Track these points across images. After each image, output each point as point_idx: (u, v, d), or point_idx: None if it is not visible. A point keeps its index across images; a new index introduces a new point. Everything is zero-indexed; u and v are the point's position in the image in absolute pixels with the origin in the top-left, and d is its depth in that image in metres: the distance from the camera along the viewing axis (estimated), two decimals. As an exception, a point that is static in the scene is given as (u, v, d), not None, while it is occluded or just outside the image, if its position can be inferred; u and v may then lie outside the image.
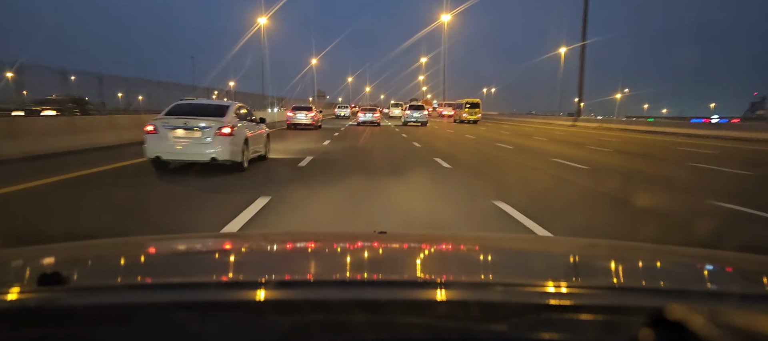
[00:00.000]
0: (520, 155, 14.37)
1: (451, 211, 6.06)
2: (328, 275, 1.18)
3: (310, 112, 25.96)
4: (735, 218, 6.01)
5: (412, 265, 1.37)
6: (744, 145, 20.56)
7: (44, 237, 3.58)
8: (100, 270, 1.27)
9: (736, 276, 1.28)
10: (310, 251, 1.51)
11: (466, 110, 44.64)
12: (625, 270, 1.35)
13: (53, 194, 6.72)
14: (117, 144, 13.03)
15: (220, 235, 3.11)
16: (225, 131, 8.22)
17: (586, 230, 5.01)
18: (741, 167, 11.78)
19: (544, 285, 0.97)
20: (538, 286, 0.97)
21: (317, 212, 5.72)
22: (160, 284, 1.02)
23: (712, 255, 1.49)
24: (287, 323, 0.80)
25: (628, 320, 0.77)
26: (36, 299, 0.84)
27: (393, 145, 17.32)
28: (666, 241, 4.24)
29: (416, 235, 2.18)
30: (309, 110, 26.41)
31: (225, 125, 8.25)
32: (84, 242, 1.64)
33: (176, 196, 6.84)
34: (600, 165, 11.74)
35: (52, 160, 9.97)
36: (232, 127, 8.33)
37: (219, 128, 8.19)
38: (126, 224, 5.04)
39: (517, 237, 3.10)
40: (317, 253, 1.48)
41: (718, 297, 1.02)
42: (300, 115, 25.63)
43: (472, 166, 11.57)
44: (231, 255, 1.45)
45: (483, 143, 19.86)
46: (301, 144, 15.54)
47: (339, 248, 1.52)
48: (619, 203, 6.88)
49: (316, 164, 10.43)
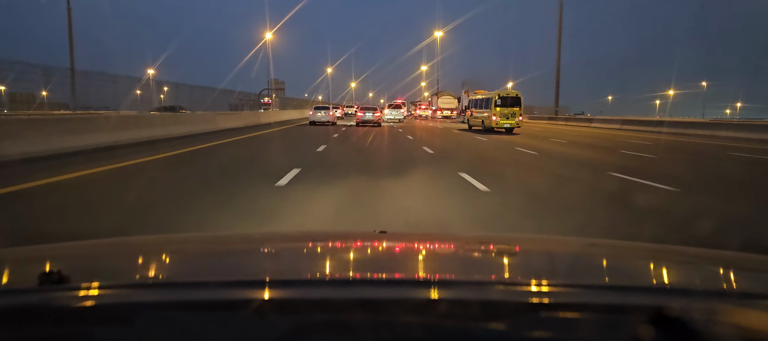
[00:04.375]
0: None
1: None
2: (328, 274, 1.20)
3: (330, 111, 33.90)
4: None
5: (413, 264, 1.38)
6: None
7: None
8: (101, 269, 1.26)
9: (735, 275, 1.24)
10: (311, 251, 1.50)
11: (495, 111, 25.48)
12: (625, 268, 1.37)
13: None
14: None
15: (221, 235, 2.90)
16: (332, 114, 32.27)
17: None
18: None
19: (544, 284, 0.98)
20: (539, 285, 0.98)
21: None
22: (161, 283, 1.03)
23: (712, 254, 1.51)
24: (288, 322, 0.80)
25: (628, 319, 0.79)
26: (36, 298, 0.84)
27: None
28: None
29: (417, 234, 2.18)
30: (327, 109, 33.66)
31: (332, 111, 32.72)
32: (85, 242, 1.67)
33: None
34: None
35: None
36: (333, 112, 33.68)
37: (330, 111, 32.28)
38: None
39: (517, 237, 2.71)
40: (317, 252, 1.48)
41: (718, 296, 0.99)
42: (319, 114, 32.47)
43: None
44: (232, 254, 1.47)
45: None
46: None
47: (339, 247, 1.54)
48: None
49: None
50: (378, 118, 32.19)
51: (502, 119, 25.23)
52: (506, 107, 25.33)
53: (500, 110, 25.30)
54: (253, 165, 10.43)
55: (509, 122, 25.30)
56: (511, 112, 25.34)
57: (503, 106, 25.39)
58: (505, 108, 25.30)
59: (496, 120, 25.28)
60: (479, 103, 28.11)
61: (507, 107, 25.36)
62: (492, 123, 25.39)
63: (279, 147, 16.07)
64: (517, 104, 25.65)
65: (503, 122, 25.25)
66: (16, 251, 1.44)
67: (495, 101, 25.52)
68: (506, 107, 25.36)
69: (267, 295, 0.85)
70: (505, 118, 25.24)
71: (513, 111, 25.38)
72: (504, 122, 25.24)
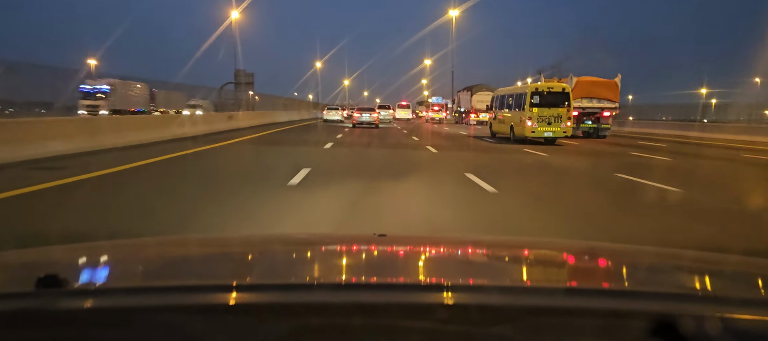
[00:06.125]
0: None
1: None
2: (327, 278, 1.19)
3: (341, 111, 41.57)
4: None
5: (412, 268, 1.36)
6: None
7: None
8: (99, 272, 1.27)
9: (738, 280, 1.24)
10: (309, 254, 1.48)
11: (530, 113, 16.93)
12: (626, 273, 1.34)
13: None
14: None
15: (220, 237, 2.89)
16: (342, 113, 42.33)
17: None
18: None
19: (544, 288, 1.01)
20: (539, 289, 0.99)
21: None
22: (159, 287, 1.02)
23: (714, 259, 1.49)
24: (286, 326, 0.80)
25: (629, 324, 0.79)
26: (34, 301, 0.83)
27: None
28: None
29: (416, 238, 2.19)
30: (338, 110, 41.27)
31: (340, 112, 41.83)
32: (82, 245, 1.65)
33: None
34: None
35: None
36: (343, 112, 42.52)
37: (342, 111, 42.62)
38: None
39: (517, 240, 2.62)
40: (316, 256, 1.46)
41: (720, 301, 0.95)
42: (332, 113, 38.80)
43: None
44: (230, 258, 1.44)
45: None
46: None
47: (338, 251, 1.53)
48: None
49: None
50: (376, 120, 30.62)
51: (540, 124, 16.56)
52: (547, 107, 16.64)
53: (537, 112, 16.64)
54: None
55: (552, 130, 16.59)
56: (555, 115, 16.62)
57: (542, 105, 16.70)
58: (545, 108, 16.63)
59: (530, 126, 16.63)
60: (504, 101, 19.43)
61: (548, 106, 16.66)
62: (525, 130, 16.76)
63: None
64: (562, 103, 16.89)
65: (542, 129, 16.57)
66: (13, 255, 1.43)
67: (529, 99, 16.85)
68: (546, 106, 16.67)
69: (265, 299, 0.86)
70: (544, 123, 16.57)
71: (557, 113, 16.65)
72: (543, 130, 16.56)
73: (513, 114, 18.07)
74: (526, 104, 16.77)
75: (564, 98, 16.89)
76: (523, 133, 16.87)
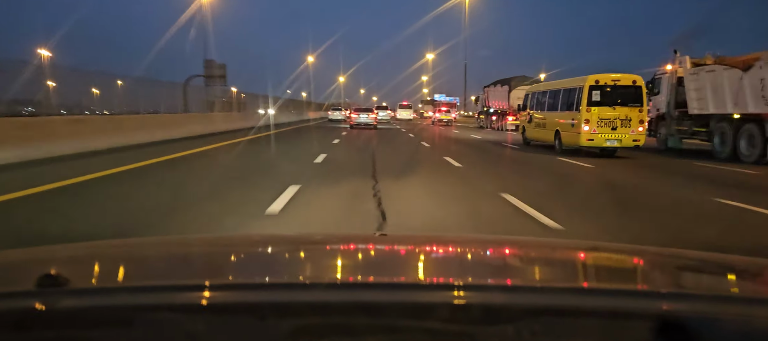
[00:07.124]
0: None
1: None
2: (329, 277, 1.19)
3: (344, 111, 41.73)
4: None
5: (414, 267, 1.36)
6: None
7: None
8: (99, 271, 1.25)
9: (738, 279, 1.24)
10: (310, 254, 1.48)
11: (585, 114, 13.08)
12: (629, 273, 1.36)
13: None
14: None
15: (221, 236, 2.86)
16: (344, 112, 40.91)
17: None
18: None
19: (546, 287, 1.00)
20: (541, 289, 0.99)
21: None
22: (160, 286, 1.00)
23: (715, 258, 1.48)
24: (287, 325, 0.80)
25: (632, 323, 0.80)
26: (34, 301, 0.82)
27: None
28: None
29: (417, 237, 2.16)
30: (340, 109, 43.59)
31: (343, 112, 41.99)
32: (83, 244, 1.64)
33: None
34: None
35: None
36: (347, 112, 37.70)
37: (344, 111, 41.20)
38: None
39: (520, 240, 2.59)
40: (317, 255, 1.46)
41: (721, 300, 0.96)
42: (336, 114, 41.48)
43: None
44: (231, 257, 1.44)
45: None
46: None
47: (340, 250, 1.53)
48: None
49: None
50: (375, 121, 30.46)
51: (600, 129, 12.98)
52: (610, 106, 13.04)
53: (597, 112, 13.05)
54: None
55: (617, 137, 12.98)
56: (623, 117, 13.00)
57: (604, 104, 13.10)
58: (608, 108, 13.02)
59: (588, 131, 13.04)
60: (545, 100, 15.68)
61: (612, 105, 13.06)
62: (580, 137, 13.18)
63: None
64: (634, 101, 13.23)
65: (604, 135, 12.98)
66: (14, 254, 1.41)
67: (586, 95, 13.24)
68: (610, 105, 13.06)
69: (266, 298, 0.86)
70: (607, 127, 12.97)
71: (626, 115, 13.02)
72: (605, 137, 12.98)
73: (559, 115, 14.46)
74: (583, 103, 13.20)
75: (636, 95, 13.19)
76: (577, 141, 13.27)
